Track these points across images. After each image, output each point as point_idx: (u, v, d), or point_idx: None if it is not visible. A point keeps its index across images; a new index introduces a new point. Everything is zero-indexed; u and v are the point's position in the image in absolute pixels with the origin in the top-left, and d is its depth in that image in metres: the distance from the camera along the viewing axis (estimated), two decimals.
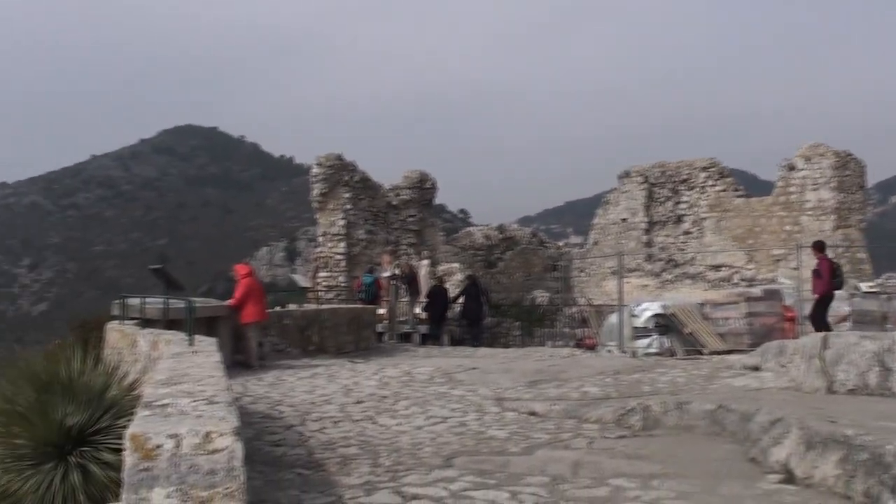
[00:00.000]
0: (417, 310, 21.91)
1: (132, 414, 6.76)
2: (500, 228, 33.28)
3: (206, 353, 6.33)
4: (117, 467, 6.42)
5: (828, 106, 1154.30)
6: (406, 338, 20.72)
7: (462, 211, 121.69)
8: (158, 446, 2.83)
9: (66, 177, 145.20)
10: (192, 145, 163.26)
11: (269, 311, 15.40)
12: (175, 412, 3.32)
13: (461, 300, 21.57)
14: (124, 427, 6.50)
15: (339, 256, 26.80)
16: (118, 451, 6.37)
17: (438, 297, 21.17)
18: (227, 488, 2.83)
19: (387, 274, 21.62)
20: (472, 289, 21.50)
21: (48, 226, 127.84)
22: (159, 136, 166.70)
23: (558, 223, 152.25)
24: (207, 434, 2.89)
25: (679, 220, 30.19)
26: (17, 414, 6.32)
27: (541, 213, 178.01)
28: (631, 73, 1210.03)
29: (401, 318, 21.42)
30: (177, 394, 3.90)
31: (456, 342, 20.65)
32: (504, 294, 28.41)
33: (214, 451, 2.87)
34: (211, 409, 3.37)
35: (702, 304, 17.92)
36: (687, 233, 29.92)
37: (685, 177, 30.16)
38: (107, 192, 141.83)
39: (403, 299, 22.11)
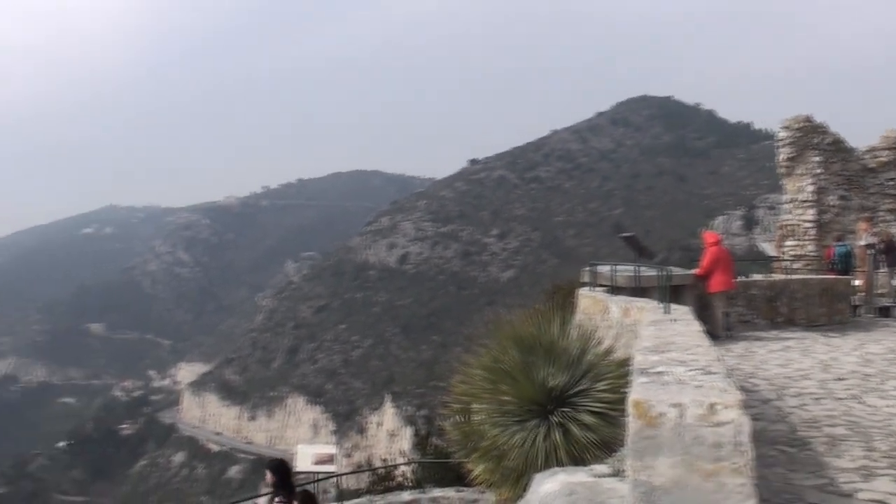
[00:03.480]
0: None
1: (609, 379, 7.02)
2: None
3: (685, 321, 6.22)
4: (595, 429, 6.71)
5: None
6: (885, 312, 18.74)
7: None
8: (661, 414, 2.78)
9: (528, 151, 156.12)
10: (646, 115, 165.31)
11: (736, 280, 14.91)
12: (672, 381, 3.26)
13: None
14: (602, 391, 6.80)
15: (807, 224, 25.02)
16: (596, 413, 6.66)
17: None
18: (733, 463, 2.72)
19: (863, 242, 19.73)
20: None
21: (514, 198, 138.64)
22: (615, 109, 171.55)
23: None
24: (712, 405, 2.79)
25: None
26: (504, 372, 6.87)
27: None
28: None
29: (879, 291, 19.40)
30: (668, 362, 3.85)
31: None
32: None
33: (719, 424, 2.76)
34: (709, 380, 3.25)
35: None
36: None
37: None
38: (566, 165, 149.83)
39: (882, 270, 20.03)
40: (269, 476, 9.24)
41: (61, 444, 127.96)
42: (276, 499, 9.00)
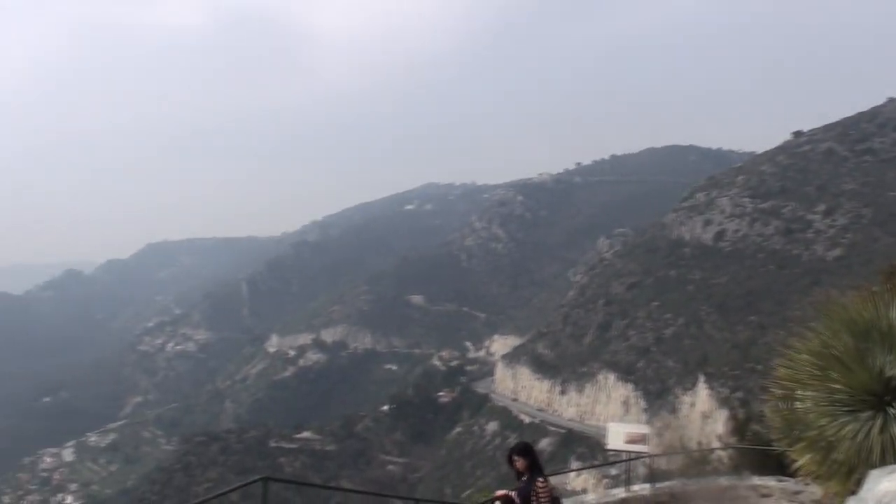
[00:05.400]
0: None
1: None
2: None
3: None
4: None
5: None
6: None
7: None
8: None
9: (861, 121, 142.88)
10: None
11: None
12: None
13: None
14: None
15: None
16: None
17: None
18: None
19: None
20: None
21: (843, 172, 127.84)
22: None
23: None
24: None
25: None
26: (835, 359, 6.44)
27: None
28: None
29: None
30: None
31: None
32: None
33: None
34: None
35: None
36: None
37: None
38: None
39: None
40: (520, 461, 8.78)
41: (385, 407, 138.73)
42: (539, 479, 8.85)
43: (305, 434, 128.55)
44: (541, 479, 8.70)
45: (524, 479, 8.84)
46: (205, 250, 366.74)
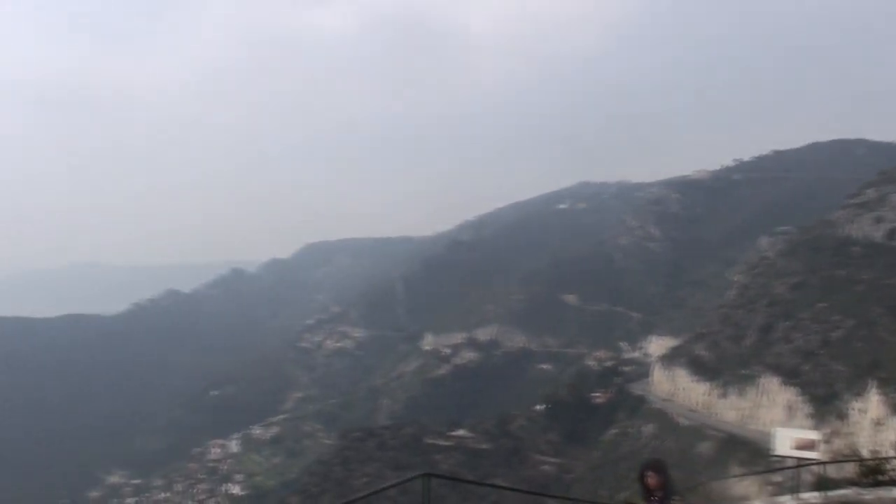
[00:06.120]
0: None
1: None
2: None
3: None
4: None
5: None
6: None
7: None
8: None
9: None
10: None
11: None
12: None
13: None
14: None
15: None
16: None
17: None
18: None
19: None
20: None
21: None
22: None
23: None
24: None
25: None
26: None
27: None
28: None
29: None
30: None
31: None
32: None
33: None
34: None
35: None
36: None
37: None
38: None
39: None
40: (652, 478, 8.46)
41: (539, 407, 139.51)
42: (675, 497, 8.77)
43: (460, 432, 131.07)
44: (676, 497, 8.51)
45: (656, 497, 8.57)
46: (360, 250, 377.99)
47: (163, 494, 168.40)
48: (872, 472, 18.31)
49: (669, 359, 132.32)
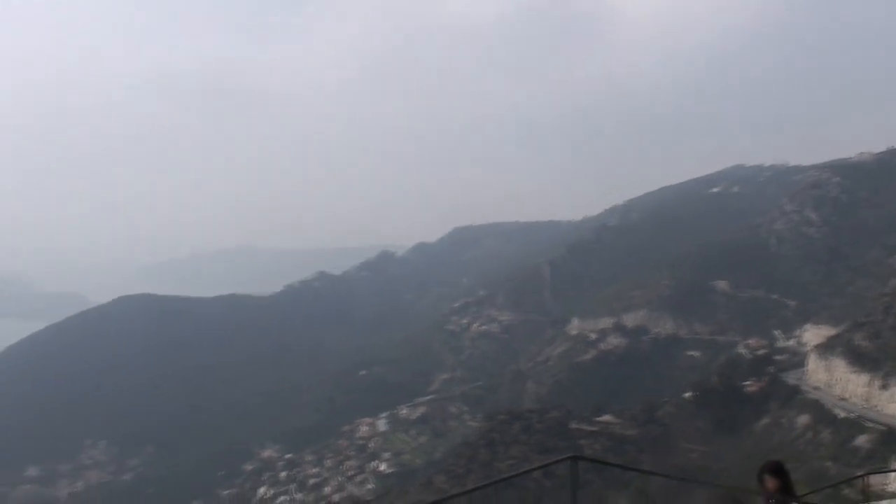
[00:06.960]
0: None
1: None
2: None
3: None
4: None
5: None
6: None
7: None
8: None
9: None
10: None
11: None
12: None
13: None
14: None
15: None
16: None
17: None
18: None
19: None
20: None
21: None
22: None
23: None
24: None
25: None
26: None
27: None
28: None
29: None
30: None
31: None
32: None
33: None
34: None
35: None
36: None
37: None
38: None
39: None
40: (771, 482, 8.26)
41: (687, 394, 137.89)
42: (792, 501, 8.30)
43: (606, 417, 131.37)
44: (795, 502, 8.30)
45: (773, 501, 8.37)
46: (507, 234, 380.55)
47: (313, 469, 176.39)
48: None
49: (826, 348, 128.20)
